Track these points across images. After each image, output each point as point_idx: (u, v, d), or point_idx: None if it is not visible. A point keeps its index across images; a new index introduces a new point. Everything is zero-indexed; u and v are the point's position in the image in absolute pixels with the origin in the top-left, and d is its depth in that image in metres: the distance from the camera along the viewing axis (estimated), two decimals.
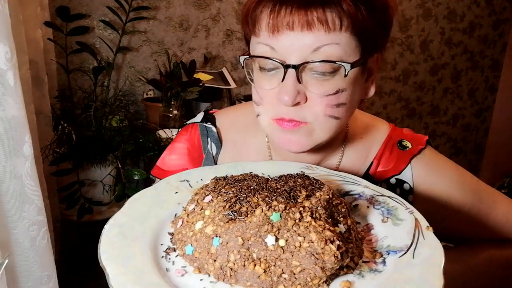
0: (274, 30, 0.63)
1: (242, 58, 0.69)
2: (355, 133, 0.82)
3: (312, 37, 0.62)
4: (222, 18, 2.31)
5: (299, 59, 0.64)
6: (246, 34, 0.72)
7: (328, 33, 0.62)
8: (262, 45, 0.66)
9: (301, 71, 0.65)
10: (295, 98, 0.64)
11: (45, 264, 1.10)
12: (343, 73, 0.64)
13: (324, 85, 0.65)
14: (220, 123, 0.87)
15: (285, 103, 0.65)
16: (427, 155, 0.82)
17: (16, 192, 1.01)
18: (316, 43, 0.63)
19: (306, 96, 0.66)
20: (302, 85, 0.65)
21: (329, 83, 0.65)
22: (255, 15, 0.66)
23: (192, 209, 0.57)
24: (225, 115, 0.89)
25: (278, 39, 0.64)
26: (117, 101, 1.89)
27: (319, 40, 0.63)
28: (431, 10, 2.95)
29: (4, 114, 0.96)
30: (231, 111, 0.94)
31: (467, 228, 0.83)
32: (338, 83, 0.65)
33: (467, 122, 3.46)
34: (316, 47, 0.63)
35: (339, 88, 0.65)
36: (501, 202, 0.83)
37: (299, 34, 0.63)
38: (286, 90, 0.64)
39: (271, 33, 0.64)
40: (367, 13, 0.64)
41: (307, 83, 0.65)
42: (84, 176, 1.77)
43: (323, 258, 0.48)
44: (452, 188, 0.80)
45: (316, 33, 0.62)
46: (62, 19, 1.80)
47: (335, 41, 0.63)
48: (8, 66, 0.94)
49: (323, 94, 0.65)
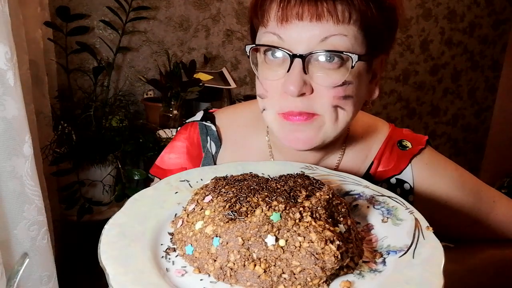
0: (283, 20, 0.64)
1: (248, 47, 0.69)
2: (356, 133, 0.83)
3: (321, 28, 0.63)
4: (222, 18, 2.31)
5: (306, 49, 0.64)
6: (253, 26, 0.72)
7: (337, 24, 0.63)
8: (270, 34, 0.66)
9: (307, 62, 0.65)
10: (301, 88, 0.64)
11: (45, 264, 1.10)
12: (350, 65, 0.64)
13: (331, 77, 0.65)
14: (220, 122, 0.87)
15: (291, 93, 0.64)
16: (427, 155, 0.82)
17: (16, 192, 1.01)
18: (324, 33, 0.63)
19: (312, 87, 0.66)
20: (308, 76, 0.65)
21: (336, 74, 0.65)
22: (264, 5, 0.66)
23: (192, 209, 0.57)
24: (225, 114, 0.89)
25: (287, 29, 0.64)
26: (117, 101, 1.89)
27: (327, 30, 0.63)
28: (431, 10, 2.95)
29: (4, 114, 0.96)
30: (231, 110, 0.94)
31: (467, 227, 0.83)
32: (344, 74, 0.65)
33: (467, 122, 3.46)
34: (323, 37, 0.63)
35: (345, 80, 0.65)
36: (501, 202, 0.83)
37: (307, 25, 0.63)
38: (292, 79, 0.64)
39: (280, 22, 0.64)
40: (376, 11, 0.64)
41: (313, 75, 0.65)
42: (84, 176, 1.77)
43: (323, 258, 0.48)
44: (452, 188, 0.80)
45: (324, 24, 0.62)
46: (62, 19, 1.80)
47: (343, 32, 0.63)
48: (8, 66, 0.94)
49: (330, 85, 0.65)
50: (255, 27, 0.71)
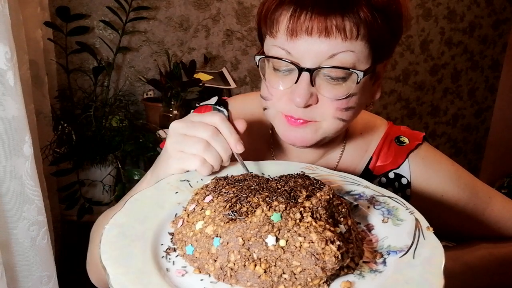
0: (292, 34, 0.65)
1: (258, 58, 0.71)
2: (355, 130, 0.85)
3: (329, 44, 0.64)
4: (222, 18, 2.31)
5: (314, 64, 0.65)
6: (260, 32, 0.73)
7: (345, 41, 0.64)
8: (278, 48, 0.67)
9: (315, 75, 0.66)
10: (307, 100, 0.67)
11: (45, 264, 1.10)
12: (355, 79, 0.66)
13: (336, 89, 0.67)
14: (232, 108, 0.89)
15: (297, 105, 0.67)
16: (423, 150, 0.84)
17: (16, 192, 1.01)
18: (332, 50, 0.64)
19: (317, 98, 0.68)
20: (315, 88, 0.67)
21: (341, 87, 0.67)
22: (274, 16, 0.67)
23: (192, 209, 0.57)
24: (237, 101, 0.91)
25: (295, 43, 0.65)
26: (117, 101, 1.89)
27: (336, 47, 0.64)
28: (431, 10, 2.95)
29: (4, 114, 0.96)
30: (241, 97, 0.96)
31: (463, 223, 0.84)
32: (349, 87, 0.67)
33: (467, 122, 3.46)
34: (331, 54, 0.64)
35: (349, 93, 0.67)
36: (497, 199, 0.85)
37: (316, 40, 0.64)
38: (300, 92, 0.66)
39: (289, 36, 0.65)
40: (382, 22, 0.65)
41: (320, 87, 0.67)
42: (84, 176, 1.77)
43: (323, 258, 0.48)
44: (448, 182, 0.82)
45: (333, 41, 0.64)
46: (62, 19, 1.80)
47: (350, 48, 0.64)
48: (8, 66, 0.94)
49: (334, 98, 0.67)
50: (263, 33, 0.72)
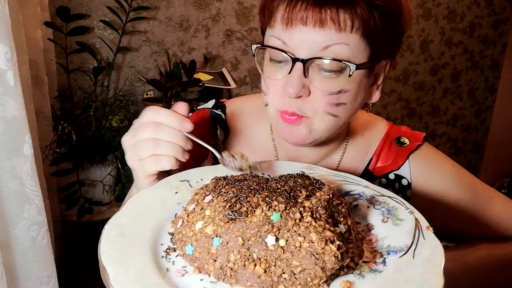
0: (288, 23, 0.66)
1: (254, 46, 0.72)
2: (356, 130, 0.85)
3: (323, 35, 0.64)
4: (222, 18, 2.31)
5: (308, 54, 0.66)
6: (262, 24, 0.75)
7: (339, 32, 0.64)
8: (275, 38, 0.69)
9: (308, 66, 0.67)
10: (299, 91, 0.67)
11: (45, 264, 1.10)
12: (348, 74, 0.66)
13: (328, 83, 0.67)
14: (229, 111, 0.90)
15: (289, 95, 0.67)
16: (424, 151, 0.84)
17: (16, 192, 1.01)
18: (326, 41, 0.65)
19: (309, 90, 0.68)
20: (308, 80, 0.67)
21: (334, 81, 0.67)
22: (272, 6, 0.69)
23: (192, 209, 0.57)
24: (234, 104, 0.92)
25: (291, 33, 0.66)
26: (117, 101, 1.89)
27: (330, 39, 0.65)
28: (431, 10, 2.95)
29: (4, 114, 0.96)
30: (239, 100, 0.97)
31: (463, 223, 0.84)
32: (342, 82, 0.67)
33: (467, 122, 3.46)
34: (326, 45, 0.65)
35: (342, 88, 0.67)
36: (497, 199, 0.85)
37: (311, 30, 0.65)
38: (292, 82, 0.67)
39: (285, 25, 0.66)
40: (380, 19, 0.65)
41: (313, 79, 0.68)
42: (84, 176, 1.77)
43: (323, 258, 0.48)
44: (448, 182, 0.82)
45: (327, 31, 0.64)
46: (62, 19, 1.80)
47: (345, 41, 0.65)
48: (8, 66, 0.94)
49: (327, 92, 0.67)
50: (263, 26, 0.74)
